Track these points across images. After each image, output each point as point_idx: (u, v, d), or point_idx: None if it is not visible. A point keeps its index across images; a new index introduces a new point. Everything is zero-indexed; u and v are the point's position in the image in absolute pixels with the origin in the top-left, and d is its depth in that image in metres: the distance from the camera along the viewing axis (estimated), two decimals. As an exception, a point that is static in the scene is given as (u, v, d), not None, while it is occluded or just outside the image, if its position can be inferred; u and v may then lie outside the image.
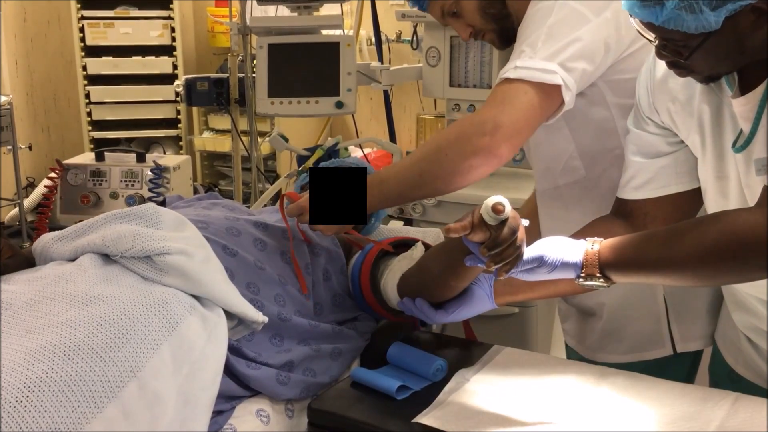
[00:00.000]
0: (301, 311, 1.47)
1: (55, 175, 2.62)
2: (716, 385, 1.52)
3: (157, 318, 1.15)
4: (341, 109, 2.41)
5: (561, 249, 1.20)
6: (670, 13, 1.06)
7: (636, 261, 1.17)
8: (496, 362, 1.42)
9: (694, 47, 1.10)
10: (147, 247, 1.23)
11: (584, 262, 1.19)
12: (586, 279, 1.19)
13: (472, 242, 1.17)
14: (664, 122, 1.34)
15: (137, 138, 4.87)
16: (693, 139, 1.30)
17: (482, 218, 1.13)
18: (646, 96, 1.36)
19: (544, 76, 1.36)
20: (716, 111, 1.24)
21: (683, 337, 1.59)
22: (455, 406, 1.25)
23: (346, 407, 1.30)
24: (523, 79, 1.37)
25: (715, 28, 1.06)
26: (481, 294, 1.42)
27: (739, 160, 1.21)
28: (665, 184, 1.36)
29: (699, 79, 1.20)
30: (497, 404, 1.25)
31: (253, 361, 1.31)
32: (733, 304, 1.44)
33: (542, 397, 1.27)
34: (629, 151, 1.41)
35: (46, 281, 1.20)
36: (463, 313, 1.43)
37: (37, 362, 1.00)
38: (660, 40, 1.14)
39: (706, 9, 1.05)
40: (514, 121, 1.37)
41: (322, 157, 2.45)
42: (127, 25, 4.70)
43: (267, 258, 1.49)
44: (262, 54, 2.45)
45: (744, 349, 1.44)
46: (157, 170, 2.57)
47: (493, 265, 1.15)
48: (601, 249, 1.19)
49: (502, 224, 1.13)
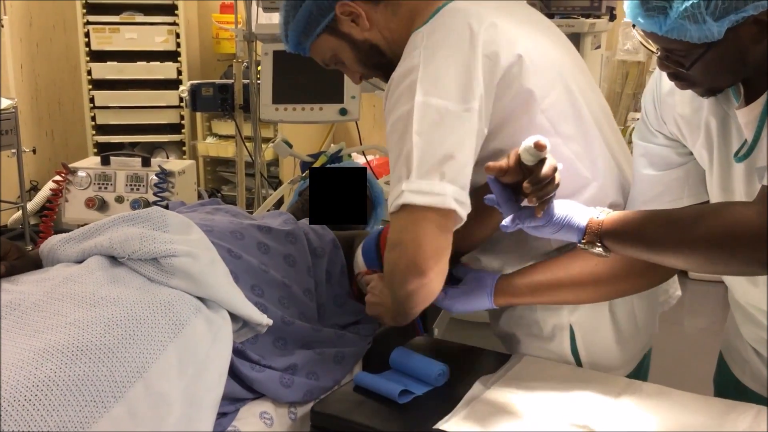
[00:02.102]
0: (304, 313, 1.48)
1: (60, 179, 2.63)
2: (721, 395, 1.51)
3: (164, 319, 1.16)
4: (345, 116, 2.43)
5: (569, 211, 1.24)
6: (674, 22, 1.08)
7: (633, 236, 1.21)
8: (516, 370, 1.41)
9: (696, 57, 1.12)
10: (154, 249, 1.25)
11: (587, 228, 1.23)
12: (586, 245, 1.24)
13: (500, 185, 1.21)
14: (673, 133, 1.35)
15: (141, 142, 4.89)
16: (700, 151, 1.31)
17: (518, 160, 1.17)
18: (653, 109, 1.36)
19: (435, 200, 1.23)
20: (722, 122, 1.25)
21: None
22: (476, 414, 1.26)
23: (348, 411, 1.31)
24: (415, 204, 1.24)
25: (717, 39, 1.08)
26: (482, 290, 1.42)
27: (742, 170, 1.23)
28: (677, 196, 1.36)
29: (700, 92, 1.21)
30: (518, 413, 1.25)
31: (257, 363, 1.32)
32: (741, 317, 1.44)
33: (564, 407, 1.27)
34: (638, 165, 1.40)
35: (54, 282, 1.21)
36: (458, 305, 1.44)
37: (46, 362, 1.02)
38: (662, 50, 1.15)
39: (710, 19, 1.06)
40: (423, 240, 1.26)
41: (325, 163, 2.47)
42: (132, 31, 4.73)
43: (271, 261, 1.51)
44: (267, 60, 2.47)
45: (751, 360, 1.45)
46: (163, 175, 2.58)
47: (534, 200, 1.19)
48: (605, 219, 1.23)
49: (541, 163, 1.17)
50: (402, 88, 1.29)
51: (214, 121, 4.91)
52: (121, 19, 4.72)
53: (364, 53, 1.46)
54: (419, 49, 1.29)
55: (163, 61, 4.78)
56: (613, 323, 1.47)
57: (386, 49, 1.44)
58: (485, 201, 1.27)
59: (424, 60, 1.28)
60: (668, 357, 1.66)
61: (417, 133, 1.25)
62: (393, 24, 1.43)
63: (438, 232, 1.25)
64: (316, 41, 1.47)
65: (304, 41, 1.47)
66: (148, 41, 4.74)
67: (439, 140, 1.26)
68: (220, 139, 4.92)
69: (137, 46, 4.73)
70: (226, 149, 4.79)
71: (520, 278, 1.42)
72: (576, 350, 1.46)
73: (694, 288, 3.93)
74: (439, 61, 1.28)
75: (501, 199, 1.24)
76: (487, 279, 1.43)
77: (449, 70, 1.28)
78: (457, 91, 1.27)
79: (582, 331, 1.46)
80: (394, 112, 1.30)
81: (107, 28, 4.70)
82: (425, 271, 1.25)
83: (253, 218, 1.69)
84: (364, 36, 1.44)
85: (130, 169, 2.66)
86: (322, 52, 1.49)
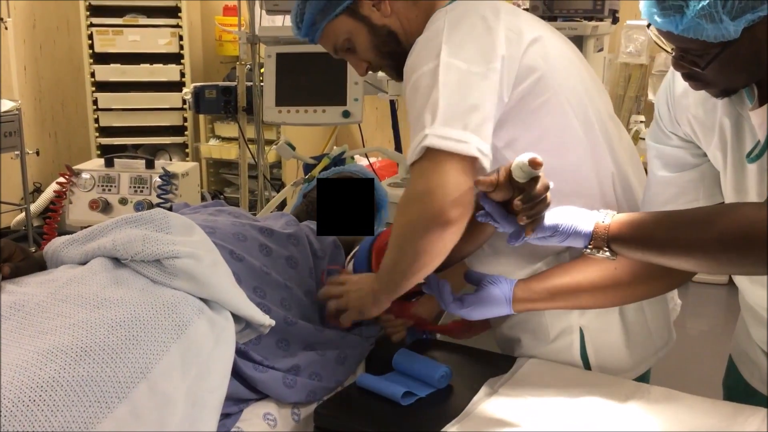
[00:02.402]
0: (306, 315, 1.49)
1: (64, 180, 2.64)
2: (731, 398, 1.52)
3: (167, 321, 1.16)
4: (348, 118, 2.44)
5: (574, 218, 1.22)
6: (690, 21, 1.07)
7: (642, 240, 1.20)
8: (523, 374, 1.41)
9: (711, 57, 1.11)
10: (156, 250, 1.25)
11: (594, 234, 1.21)
12: (593, 250, 1.22)
13: (490, 201, 1.19)
14: (687, 135, 1.34)
15: (144, 145, 4.89)
16: (714, 152, 1.30)
17: (508, 177, 1.14)
18: (667, 110, 1.35)
19: (459, 146, 1.24)
20: (736, 124, 1.24)
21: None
22: (484, 417, 1.26)
23: (351, 412, 1.31)
24: (440, 149, 1.24)
25: (734, 38, 1.07)
26: (500, 296, 1.38)
27: (755, 171, 1.22)
28: (693, 198, 1.35)
29: (714, 92, 1.20)
30: (526, 417, 1.25)
31: (260, 364, 1.32)
32: (752, 319, 1.44)
33: (571, 411, 1.27)
34: (653, 167, 1.39)
35: (57, 284, 1.21)
36: (477, 312, 1.39)
37: (50, 362, 1.02)
38: (678, 50, 1.14)
39: (726, 18, 1.05)
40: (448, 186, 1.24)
41: (328, 165, 2.47)
42: (135, 33, 4.74)
43: (272, 263, 1.51)
44: (270, 63, 2.47)
45: (760, 362, 1.45)
46: (166, 177, 2.58)
47: (525, 219, 1.15)
48: (611, 223, 1.21)
49: (533, 181, 1.13)
50: (427, 49, 1.32)
51: (217, 123, 4.92)
52: (124, 21, 4.73)
53: (380, 39, 1.47)
54: (443, 19, 1.33)
55: (167, 63, 4.79)
56: (623, 325, 1.46)
57: (402, 38, 1.46)
58: (477, 218, 1.23)
59: (448, 26, 1.31)
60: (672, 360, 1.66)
61: (443, 85, 1.27)
62: (412, 14, 1.45)
63: (463, 180, 1.23)
64: (332, 22, 1.47)
65: (320, 21, 1.47)
66: (151, 43, 4.76)
67: (463, 94, 1.27)
68: (223, 141, 4.93)
69: (140, 49, 4.74)
70: (229, 151, 4.80)
71: (537, 283, 1.39)
72: (585, 353, 1.45)
73: (697, 291, 3.93)
74: (463, 29, 1.32)
75: (498, 216, 1.22)
76: (504, 285, 1.39)
77: (473, 36, 1.31)
78: (481, 55, 1.30)
79: (592, 334, 1.45)
80: (416, 70, 1.32)
81: (110, 30, 4.71)
82: (450, 220, 1.22)
83: (256, 220, 1.69)
84: (384, 21, 1.46)
85: (134, 171, 2.66)
86: (336, 36, 1.49)
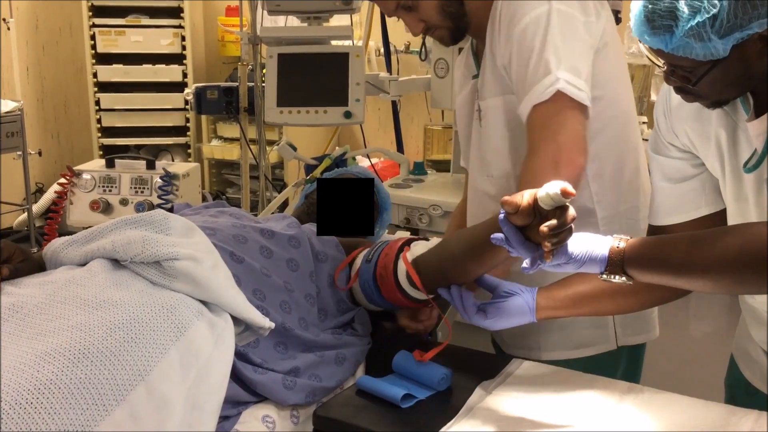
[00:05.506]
0: (305, 318, 1.48)
1: (65, 181, 2.64)
2: (733, 398, 1.53)
3: (166, 323, 1.16)
4: (349, 119, 2.43)
5: (588, 244, 1.21)
6: (679, 40, 1.08)
7: (658, 263, 1.19)
8: (517, 376, 1.41)
9: (701, 74, 1.12)
10: (156, 252, 1.25)
11: (609, 259, 1.20)
12: (609, 275, 1.20)
13: (509, 224, 1.17)
14: (685, 145, 1.35)
15: (146, 145, 4.90)
16: (712, 162, 1.31)
17: (533, 203, 1.13)
18: (664, 121, 1.36)
19: (580, 95, 1.41)
20: (732, 134, 1.25)
21: (625, 332, 1.64)
22: (479, 419, 1.26)
23: (351, 414, 1.31)
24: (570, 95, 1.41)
25: (723, 56, 1.08)
26: (523, 306, 1.38)
27: (752, 180, 1.23)
28: (696, 206, 1.36)
29: (706, 104, 1.22)
30: (520, 418, 1.25)
31: (259, 366, 1.32)
32: (753, 319, 1.44)
33: (566, 411, 1.27)
34: (655, 178, 1.41)
35: (56, 285, 1.21)
36: (501, 323, 1.39)
37: (47, 364, 1.02)
38: (669, 66, 1.16)
39: (715, 37, 1.07)
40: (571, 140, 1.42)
41: (330, 166, 2.47)
42: (137, 34, 4.74)
43: (273, 265, 1.51)
44: (271, 63, 2.47)
45: (760, 362, 1.45)
46: (167, 177, 2.58)
47: (548, 246, 1.13)
48: (626, 247, 1.20)
49: (560, 209, 1.12)
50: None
51: (219, 123, 4.93)
52: (126, 21, 4.73)
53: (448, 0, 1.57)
54: None
55: (169, 63, 4.80)
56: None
57: (467, 3, 1.58)
58: (492, 240, 1.21)
59: None
60: (674, 361, 1.66)
61: (559, 32, 1.42)
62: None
63: (582, 128, 1.41)
64: None
65: None
66: (153, 44, 4.76)
67: (575, 42, 1.44)
68: (225, 141, 4.93)
69: (143, 49, 4.75)
70: (231, 152, 4.80)
71: (559, 290, 1.39)
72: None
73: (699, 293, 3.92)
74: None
75: (515, 241, 1.18)
76: (527, 294, 1.38)
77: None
78: (581, 6, 1.47)
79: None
80: (525, 16, 1.46)
81: (113, 31, 4.72)
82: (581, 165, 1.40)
83: (257, 221, 1.69)
84: None
85: (135, 171, 2.66)
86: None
